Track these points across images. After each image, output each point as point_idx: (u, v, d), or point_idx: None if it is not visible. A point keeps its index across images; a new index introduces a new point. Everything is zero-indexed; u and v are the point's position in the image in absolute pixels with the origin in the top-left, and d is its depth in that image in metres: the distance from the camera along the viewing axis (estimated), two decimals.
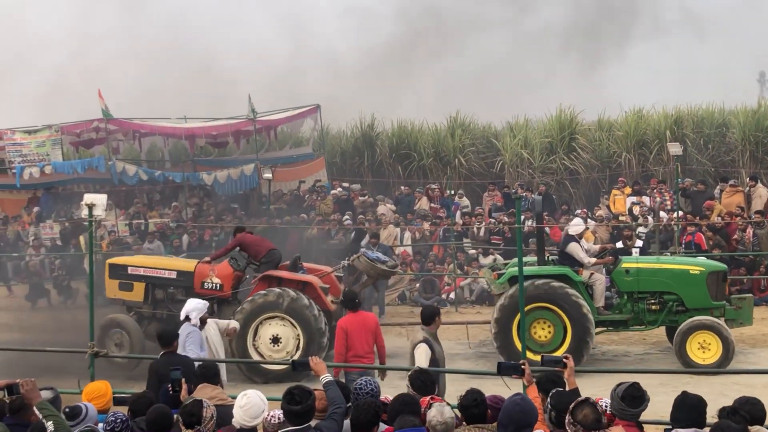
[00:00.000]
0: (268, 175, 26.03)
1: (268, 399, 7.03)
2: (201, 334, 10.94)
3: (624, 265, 14.99)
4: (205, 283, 15.28)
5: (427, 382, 7.46)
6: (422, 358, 9.69)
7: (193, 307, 11.02)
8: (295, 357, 13.62)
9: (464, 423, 6.35)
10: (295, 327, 14.35)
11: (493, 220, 23.43)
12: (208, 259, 15.81)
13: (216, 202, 26.80)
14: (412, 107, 30.70)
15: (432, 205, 25.12)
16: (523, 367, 7.35)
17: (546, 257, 15.21)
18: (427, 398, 6.75)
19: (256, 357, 14.31)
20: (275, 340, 14.37)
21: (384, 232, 22.77)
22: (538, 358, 13.04)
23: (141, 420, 6.72)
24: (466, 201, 25.51)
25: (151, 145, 29.73)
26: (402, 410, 6.15)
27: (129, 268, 15.66)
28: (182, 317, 11.01)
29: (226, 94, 28.35)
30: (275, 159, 28.11)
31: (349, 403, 6.82)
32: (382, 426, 6.38)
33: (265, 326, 14.54)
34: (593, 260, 14.89)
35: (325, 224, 23.43)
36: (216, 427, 6.38)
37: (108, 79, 32.27)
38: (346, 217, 23.87)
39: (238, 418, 6.82)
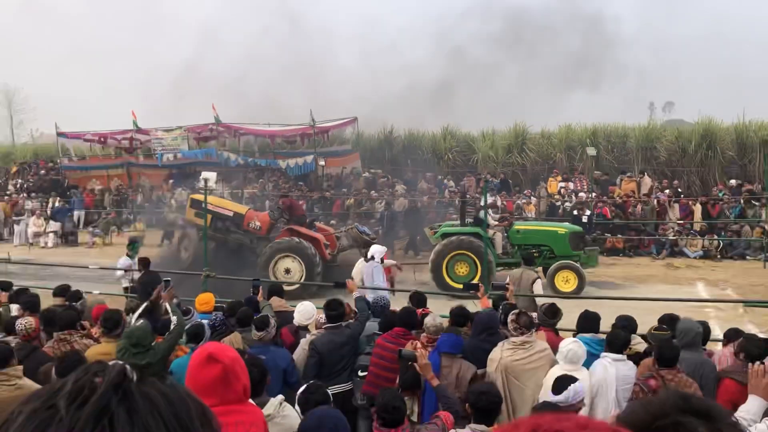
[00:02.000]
0: (322, 163, 26.13)
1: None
2: (382, 269, 10.68)
3: (516, 226, 15.00)
4: (250, 224, 15.06)
5: (421, 299, 7.49)
6: (540, 286, 9.73)
7: (377, 249, 10.73)
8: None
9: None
10: (301, 264, 14.13)
11: (469, 196, 23.29)
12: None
13: (288, 180, 26.76)
14: (419, 120, 30.60)
15: (428, 185, 25.00)
16: (480, 285, 7.41)
17: (465, 221, 14.94)
18: (420, 310, 6.79)
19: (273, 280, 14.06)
20: (287, 270, 14.18)
21: (397, 203, 22.73)
22: (460, 286, 13.14)
23: (233, 319, 6.80)
24: (451, 183, 25.39)
25: (246, 141, 29.75)
26: (404, 318, 6.18)
27: (203, 204, 15.54)
28: (368, 257, 10.65)
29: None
30: (327, 152, 27.95)
31: (370, 311, 6.85)
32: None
33: (281, 261, 14.29)
34: (496, 223, 15.00)
35: (359, 196, 23.42)
36: (279, 327, 6.41)
37: (229, 87, 32.69)
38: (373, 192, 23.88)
39: (296, 319, 6.89)
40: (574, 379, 4.43)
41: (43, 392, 0.78)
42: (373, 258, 10.65)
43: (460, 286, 13.49)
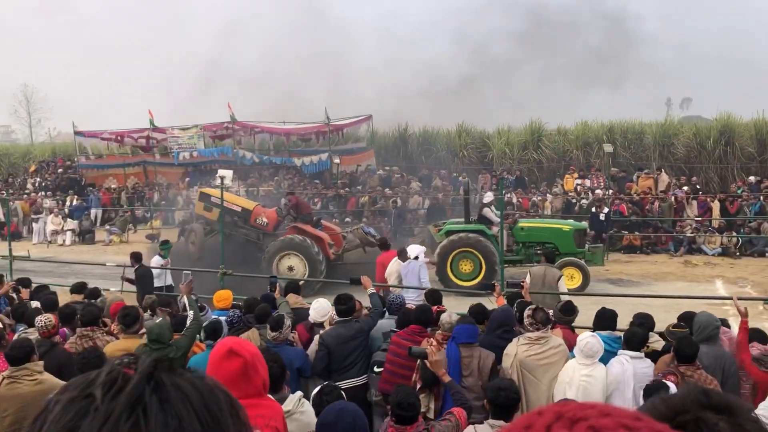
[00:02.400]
0: (337, 160, 26.12)
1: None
2: (426, 267, 10.80)
3: (520, 224, 14.91)
4: (257, 220, 15.04)
5: (437, 297, 7.48)
6: (563, 284, 9.72)
7: (420, 249, 10.77)
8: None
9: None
10: (304, 262, 14.04)
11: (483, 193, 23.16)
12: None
13: (303, 178, 26.76)
14: (433, 117, 30.55)
15: (443, 182, 24.88)
16: (496, 285, 7.39)
17: (470, 219, 14.83)
18: (436, 307, 6.79)
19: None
20: (290, 268, 14.13)
21: (411, 200, 22.69)
22: (465, 283, 13.43)
23: (250, 316, 6.83)
24: (468, 180, 25.15)
25: (262, 140, 29.82)
26: (420, 315, 6.17)
27: (212, 198, 15.41)
28: (412, 257, 10.60)
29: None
30: (342, 150, 27.98)
31: (385, 308, 6.85)
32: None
33: (285, 259, 14.21)
34: (498, 220, 14.79)
35: (372, 193, 23.39)
36: (295, 324, 6.42)
37: (246, 84, 32.92)
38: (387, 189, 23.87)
39: (312, 316, 6.91)
40: (666, 387, 4.32)
41: (79, 382, 0.80)
42: (416, 258, 10.61)
43: (464, 284, 13.46)
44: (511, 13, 47.19)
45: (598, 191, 21.48)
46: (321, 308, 6.94)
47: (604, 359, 5.26)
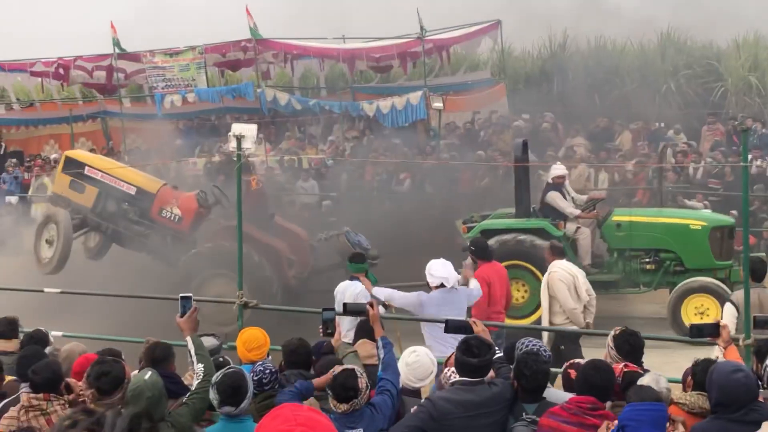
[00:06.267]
0: (438, 104, 25.92)
1: None
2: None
3: (615, 218, 15.01)
4: (164, 211, 15.51)
5: (637, 345, 7.43)
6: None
7: (449, 273, 10.71)
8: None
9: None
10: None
11: (710, 160, 22.61)
12: None
13: (378, 135, 26.88)
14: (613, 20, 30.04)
15: (639, 143, 24.44)
16: (721, 324, 7.36)
17: (529, 208, 14.94)
18: (621, 365, 6.79)
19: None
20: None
21: (574, 172, 22.44)
22: (515, 321, 13.48)
23: (292, 373, 6.95)
24: (681, 135, 24.73)
25: (305, 70, 30.11)
26: (596, 380, 6.17)
27: (87, 168, 15.85)
28: (437, 284, 10.67)
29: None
30: (447, 86, 28.09)
31: (512, 365, 6.81)
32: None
33: (210, 282, 14.59)
34: (577, 212, 14.92)
35: (505, 162, 23.18)
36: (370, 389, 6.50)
37: None
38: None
39: (404, 376, 7.00)
40: None
41: None
42: (443, 285, 10.58)
43: (514, 322, 13.33)
44: None
45: None
46: (420, 365, 7.03)
47: None
